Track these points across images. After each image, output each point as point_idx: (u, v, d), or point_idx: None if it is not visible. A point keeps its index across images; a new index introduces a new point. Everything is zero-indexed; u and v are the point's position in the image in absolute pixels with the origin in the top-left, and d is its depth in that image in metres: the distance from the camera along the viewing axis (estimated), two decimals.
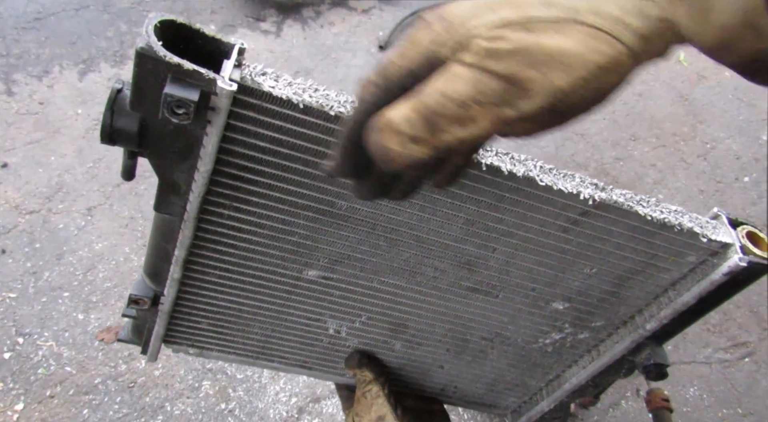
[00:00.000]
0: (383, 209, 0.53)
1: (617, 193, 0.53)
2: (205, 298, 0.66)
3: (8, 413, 1.83)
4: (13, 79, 2.76)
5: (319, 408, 1.92)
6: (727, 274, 0.54)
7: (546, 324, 0.62)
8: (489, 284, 0.60)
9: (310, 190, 0.53)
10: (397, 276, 0.60)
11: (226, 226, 0.57)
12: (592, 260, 0.57)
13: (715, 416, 1.99)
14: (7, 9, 3.02)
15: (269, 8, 3.32)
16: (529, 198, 0.52)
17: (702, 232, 0.54)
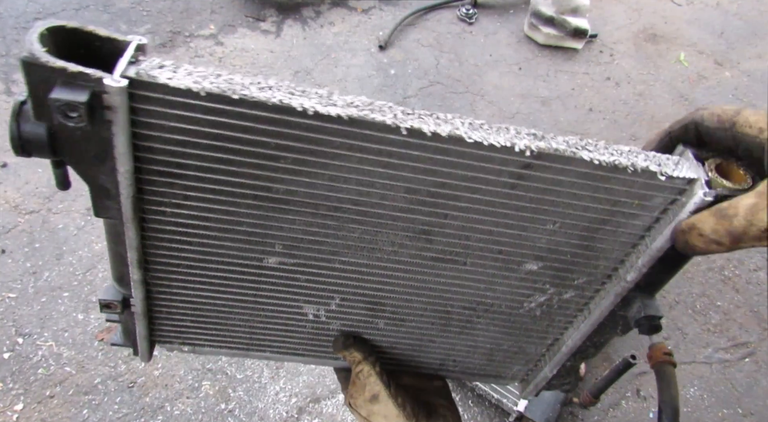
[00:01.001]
0: (320, 187, 0.52)
1: (559, 140, 0.50)
2: (177, 296, 0.66)
3: (8, 413, 1.83)
4: (13, 79, 2.76)
5: (319, 408, 1.92)
6: (694, 212, 0.49)
7: (525, 287, 0.60)
8: (452, 252, 0.58)
9: (243, 178, 0.52)
10: (356, 255, 0.59)
11: (172, 224, 0.56)
12: (552, 214, 0.54)
13: (715, 416, 1.99)
14: (7, 9, 3.02)
15: (269, 8, 3.32)
16: (463, 157, 0.49)
17: (660, 170, 0.50)
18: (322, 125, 0.47)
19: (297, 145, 0.49)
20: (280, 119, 0.47)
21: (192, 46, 3.05)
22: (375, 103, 0.48)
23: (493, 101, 3.00)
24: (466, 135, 0.48)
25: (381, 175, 0.51)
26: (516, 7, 3.56)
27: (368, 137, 0.48)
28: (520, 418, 1.75)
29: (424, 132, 0.47)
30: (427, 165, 0.51)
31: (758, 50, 3.46)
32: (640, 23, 3.58)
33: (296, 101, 0.45)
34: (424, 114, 0.49)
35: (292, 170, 0.51)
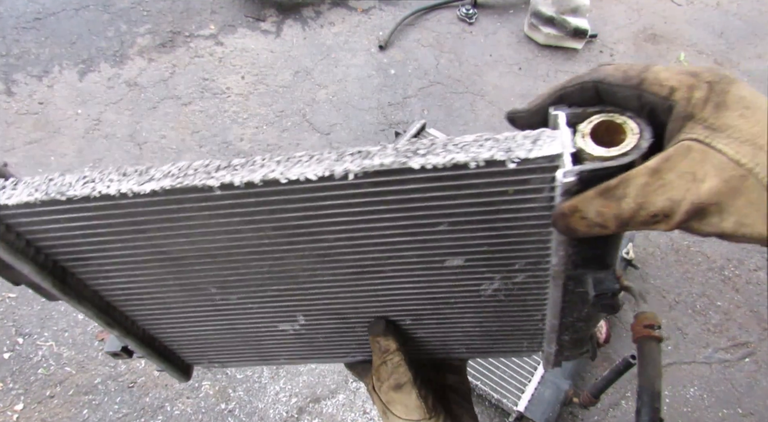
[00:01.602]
0: (200, 242, 0.54)
1: (388, 151, 0.46)
2: (165, 335, 0.71)
3: (8, 413, 1.83)
4: (13, 79, 2.76)
5: (319, 408, 1.92)
6: (565, 194, 0.41)
7: (466, 278, 0.57)
8: (361, 265, 0.57)
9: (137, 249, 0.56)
10: (282, 283, 0.60)
11: (119, 291, 0.63)
12: (431, 218, 0.50)
13: (715, 416, 1.99)
14: (7, 9, 3.02)
15: (269, 8, 3.32)
16: (302, 192, 0.48)
17: (508, 157, 0.43)
18: (149, 199, 0.49)
19: (139, 219, 0.52)
20: (112, 204, 0.50)
21: (192, 46, 3.05)
22: (192, 164, 0.49)
23: (493, 101, 3.00)
24: (281, 176, 0.46)
25: (236, 224, 0.52)
26: (516, 7, 3.56)
27: (194, 199, 0.49)
28: (520, 418, 1.75)
29: (235, 184, 0.47)
30: (264, 216, 0.50)
31: (758, 50, 3.46)
32: (640, 23, 3.58)
33: (114, 188, 0.48)
34: (240, 163, 0.48)
35: (161, 237, 0.54)
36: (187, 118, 2.73)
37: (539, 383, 1.78)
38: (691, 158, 0.36)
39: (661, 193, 0.36)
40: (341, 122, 2.81)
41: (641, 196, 0.37)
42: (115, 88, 2.81)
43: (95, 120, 2.68)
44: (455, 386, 0.73)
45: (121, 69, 2.89)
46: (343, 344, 0.71)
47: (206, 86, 2.88)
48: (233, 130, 2.71)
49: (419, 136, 2.44)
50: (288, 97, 2.89)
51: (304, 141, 2.71)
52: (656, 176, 0.37)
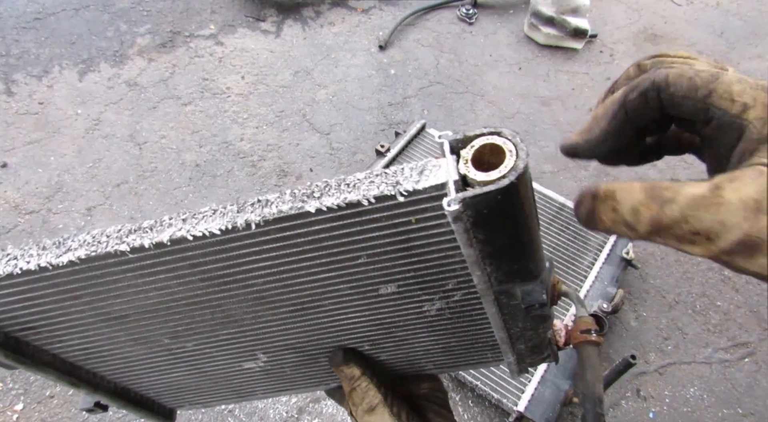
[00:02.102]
0: (132, 301, 0.56)
1: (285, 198, 0.47)
2: (137, 385, 0.73)
3: (8, 413, 1.83)
4: (13, 79, 2.76)
5: (319, 409, 1.92)
6: (456, 221, 0.41)
7: (406, 302, 0.58)
8: (299, 303, 0.58)
9: (77, 313, 0.58)
10: (230, 328, 0.62)
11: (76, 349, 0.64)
12: (347, 253, 0.51)
13: (715, 416, 1.99)
14: (7, 9, 3.02)
15: (269, 8, 3.32)
16: (204, 248, 0.49)
17: (397, 191, 0.43)
18: (71, 269, 0.52)
19: (70, 286, 0.54)
20: (38, 277, 0.52)
21: (192, 46, 3.05)
22: (106, 231, 0.52)
23: (493, 101, 3.00)
24: (188, 234, 0.48)
25: (163, 281, 0.53)
26: (516, 7, 3.56)
27: (112, 264, 0.52)
28: (520, 418, 1.75)
29: (145, 247, 0.49)
30: (182, 271, 0.52)
31: (758, 50, 3.46)
32: (640, 23, 3.59)
33: (33, 263, 0.51)
34: (150, 225, 0.50)
35: (97, 300, 0.56)
36: (187, 118, 2.73)
37: (539, 383, 1.78)
38: (759, 184, 0.31)
39: (714, 211, 0.32)
40: (341, 122, 2.81)
41: (691, 207, 0.32)
42: (115, 88, 2.81)
43: (95, 120, 2.68)
44: (430, 394, 0.73)
45: (121, 69, 2.89)
46: (313, 374, 0.72)
47: (206, 86, 2.88)
48: (233, 130, 2.71)
49: (419, 136, 2.44)
50: (288, 97, 2.89)
51: (304, 141, 2.71)
52: (716, 193, 0.32)
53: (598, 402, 0.99)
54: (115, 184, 2.46)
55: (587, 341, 0.98)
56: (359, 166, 2.62)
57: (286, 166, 2.60)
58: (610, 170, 2.72)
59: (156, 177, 2.50)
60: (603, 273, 2.06)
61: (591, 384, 0.99)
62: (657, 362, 2.10)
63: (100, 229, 0.52)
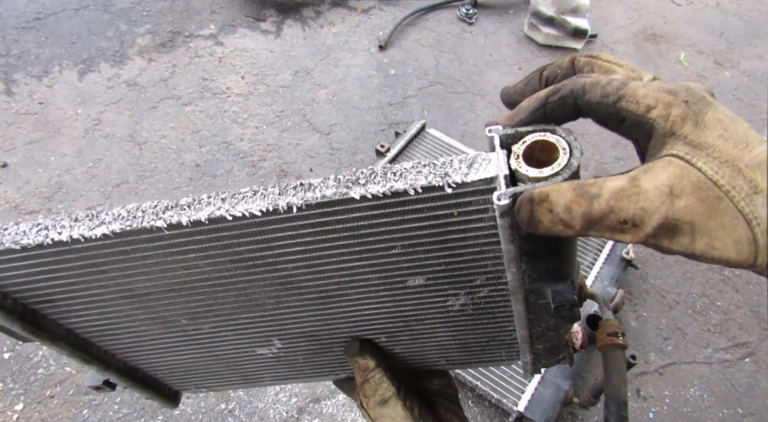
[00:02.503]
0: (162, 278, 0.56)
1: (329, 182, 0.47)
2: (146, 365, 0.73)
3: (8, 413, 1.83)
4: (13, 79, 2.76)
5: (319, 409, 1.92)
6: (503, 216, 0.42)
7: (431, 295, 0.58)
8: (325, 290, 0.58)
9: (103, 288, 0.58)
10: (250, 313, 0.61)
11: (93, 327, 0.64)
12: (383, 242, 0.50)
13: (715, 416, 1.99)
14: (7, 9, 3.02)
15: (269, 8, 3.32)
16: (240, 229, 0.49)
17: (445, 182, 0.44)
18: (102, 243, 0.51)
19: (97, 260, 0.53)
20: (67, 249, 0.52)
21: (192, 46, 3.05)
22: (141, 206, 0.51)
23: (493, 101, 3.00)
24: (227, 213, 0.48)
25: (192, 260, 0.53)
26: (516, 7, 3.56)
27: (146, 240, 0.51)
28: (520, 418, 1.75)
29: (183, 224, 0.49)
30: (217, 250, 0.52)
31: (758, 50, 3.46)
32: (640, 23, 3.59)
33: (65, 234, 0.51)
34: (187, 203, 0.50)
35: (122, 276, 0.55)
36: (187, 118, 2.73)
37: (539, 383, 1.78)
38: (670, 172, 0.36)
39: (635, 200, 0.35)
40: (341, 122, 2.81)
41: (614, 198, 0.36)
42: (115, 88, 2.81)
43: (95, 120, 2.68)
44: (441, 390, 0.73)
45: (121, 69, 2.89)
46: (324, 364, 0.72)
47: (206, 86, 2.88)
48: (233, 130, 2.71)
49: (419, 136, 2.44)
50: (288, 97, 2.89)
51: (304, 141, 2.71)
52: (633, 183, 0.36)
53: (623, 405, 0.97)
54: (115, 183, 2.46)
55: (614, 344, 0.96)
56: (359, 166, 2.62)
57: (286, 166, 2.60)
58: (609, 170, 2.72)
59: (156, 177, 2.50)
60: (603, 273, 2.06)
61: (616, 387, 0.97)
62: (657, 362, 2.11)
63: (135, 204, 0.51)
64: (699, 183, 0.35)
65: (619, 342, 0.94)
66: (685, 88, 0.39)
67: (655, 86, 0.40)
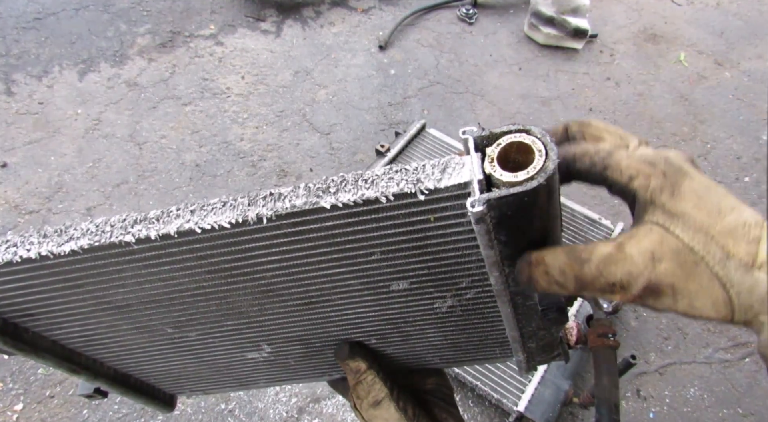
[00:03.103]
0: (138, 291, 0.55)
1: (299, 192, 0.46)
2: (137, 372, 0.72)
3: (8, 413, 1.83)
4: (13, 79, 2.76)
5: (319, 409, 1.92)
6: (479, 222, 0.40)
7: (417, 298, 0.57)
8: (308, 297, 0.56)
9: (81, 301, 0.57)
10: (234, 320, 0.61)
11: (78, 336, 0.63)
12: (362, 249, 0.49)
13: (715, 416, 1.99)
14: (7, 9, 3.02)
15: (269, 8, 3.32)
16: (212, 241, 0.48)
17: (417, 188, 0.42)
18: (73, 258, 0.50)
19: (71, 275, 0.52)
20: (39, 266, 0.51)
21: (192, 46, 3.05)
22: (110, 220, 0.50)
23: (493, 101, 3.00)
24: (196, 226, 0.47)
25: (168, 272, 0.52)
26: (516, 7, 3.56)
27: (117, 254, 0.50)
28: (520, 418, 1.75)
29: (150, 238, 0.48)
30: (190, 263, 0.51)
31: (758, 50, 3.46)
32: (640, 23, 3.58)
33: (34, 251, 0.50)
34: (156, 216, 0.49)
35: (99, 289, 0.54)
36: (187, 118, 2.73)
37: (539, 383, 1.78)
38: (651, 239, 0.39)
39: (621, 265, 0.39)
40: (341, 122, 2.81)
41: (603, 263, 0.39)
42: (115, 88, 2.81)
43: (95, 120, 2.68)
44: (436, 389, 0.73)
45: (121, 69, 2.89)
46: (316, 366, 0.71)
47: (206, 86, 2.88)
48: (233, 130, 2.71)
49: (419, 136, 2.44)
50: (288, 97, 2.89)
51: (304, 141, 2.71)
52: (620, 249, 0.39)
53: (614, 408, 0.94)
54: (115, 183, 2.46)
55: (605, 345, 0.94)
56: (359, 165, 2.62)
57: (286, 165, 2.60)
58: None
59: (156, 177, 2.50)
60: None
61: (607, 389, 0.94)
62: (657, 362, 2.10)
63: (104, 218, 0.50)
64: (677, 249, 0.38)
65: (610, 342, 0.92)
66: (664, 158, 0.42)
67: (637, 157, 0.43)
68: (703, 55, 3.41)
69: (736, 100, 3.15)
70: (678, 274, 0.38)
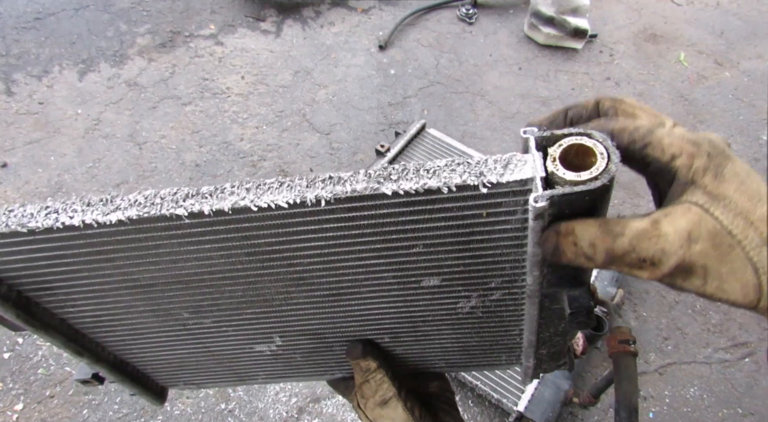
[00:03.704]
0: (170, 269, 0.54)
1: (359, 177, 0.45)
2: (137, 359, 0.71)
3: (8, 413, 1.83)
4: (13, 79, 2.76)
5: (319, 408, 1.92)
6: (537, 218, 0.41)
7: (443, 297, 0.57)
8: (337, 288, 0.56)
9: (109, 277, 0.56)
10: (256, 308, 0.60)
11: (89, 317, 0.62)
12: (405, 240, 0.49)
13: (715, 416, 1.99)
14: (7, 9, 3.02)
15: (269, 8, 3.32)
16: (262, 221, 0.47)
17: (480, 181, 0.43)
18: (115, 229, 0.49)
19: (106, 248, 0.51)
20: (77, 235, 0.49)
21: (192, 46, 3.05)
22: (160, 192, 0.49)
23: (493, 101, 3.00)
24: (252, 203, 0.46)
25: (207, 251, 0.51)
26: (516, 7, 3.56)
27: (161, 228, 0.49)
28: (520, 418, 1.75)
29: (204, 213, 0.46)
30: (238, 242, 0.50)
31: (758, 50, 3.46)
32: (640, 23, 3.58)
33: (77, 219, 0.48)
34: (209, 191, 0.47)
35: (129, 265, 0.53)
36: (187, 118, 2.73)
37: (539, 383, 1.78)
38: (689, 219, 0.39)
39: (655, 242, 0.38)
40: (341, 122, 2.81)
41: (636, 239, 0.38)
42: (115, 88, 2.81)
43: (95, 120, 2.68)
44: (439, 393, 0.74)
45: (121, 69, 2.89)
46: (322, 362, 0.71)
47: (206, 86, 2.88)
48: (233, 130, 2.71)
49: (419, 136, 2.44)
50: (288, 97, 2.89)
51: (304, 141, 2.71)
52: (655, 225, 0.39)
53: (634, 411, 0.96)
54: (115, 183, 2.46)
55: (626, 351, 0.95)
56: (359, 165, 2.62)
57: (286, 165, 2.60)
58: None
59: (156, 177, 2.50)
60: (603, 273, 2.06)
61: (628, 394, 0.96)
62: (657, 362, 2.11)
63: (153, 190, 0.49)
64: (714, 231, 0.38)
65: (631, 349, 0.94)
66: (708, 140, 0.42)
67: (679, 135, 0.42)
68: (703, 55, 3.41)
69: (735, 100, 3.15)
70: (712, 256, 0.38)
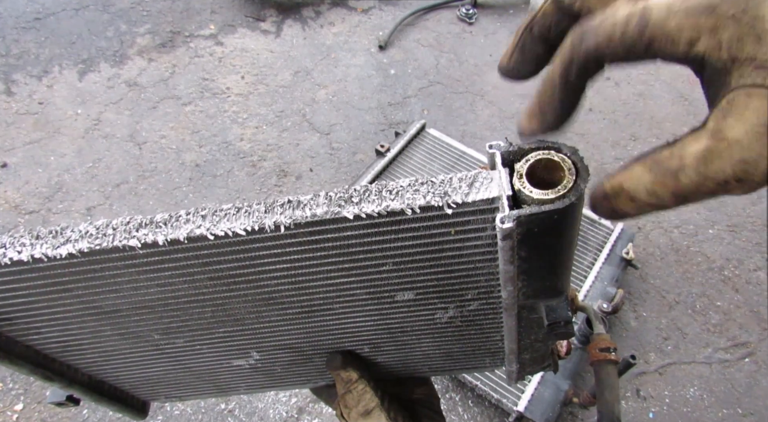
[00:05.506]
0: (129, 296, 0.53)
1: (320, 200, 0.44)
2: (113, 378, 0.70)
3: (8, 413, 1.83)
4: (13, 79, 2.76)
5: (318, 409, 1.92)
6: (505, 238, 0.40)
7: (419, 309, 0.56)
8: (309, 305, 0.55)
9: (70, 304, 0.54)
10: (227, 327, 0.59)
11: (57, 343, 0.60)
12: (374, 259, 0.48)
13: (715, 416, 1.99)
14: (7, 9, 3.02)
15: (269, 8, 3.32)
16: (221, 247, 0.46)
17: (444, 202, 0.42)
18: (68, 262, 0.47)
19: (62, 279, 0.49)
20: (28, 269, 0.48)
21: (192, 46, 3.05)
22: (112, 222, 0.47)
23: (493, 101, 3.00)
24: (207, 232, 0.45)
25: (167, 278, 0.50)
26: (516, 7, 3.56)
27: (116, 258, 0.47)
28: (520, 418, 1.75)
29: (158, 243, 0.45)
30: (194, 269, 0.48)
31: None
32: None
33: (26, 254, 0.46)
34: (164, 220, 0.46)
35: (89, 294, 0.51)
36: (187, 118, 2.73)
37: (539, 383, 1.78)
38: (756, 107, 0.29)
39: (728, 155, 0.30)
40: (341, 122, 2.81)
41: (703, 164, 0.30)
42: (114, 88, 2.81)
43: (95, 120, 2.68)
44: (423, 399, 0.72)
45: (120, 69, 2.89)
46: (304, 373, 0.70)
47: (206, 86, 2.88)
48: (233, 130, 2.71)
49: (419, 136, 2.44)
50: (288, 97, 2.89)
51: (304, 141, 2.71)
52: (718, 137, 0.30)
53: (616, 421, 0.94)
54: (115, 183, 2.46)
55: (607, 360, 0.94)
56: (359, 165, 2.62)
57: (286, 165, 2.60)
58: (609, 170, 2.71)
59: (156, 177, 2.50)
60: (603, 273, 2.06)
61: (610, 404, 0.94)
62: (657, 362, 2.11)
63: (105, 220, 0.47)
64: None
65: (612, 357, 0.92)
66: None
67: (683, 11, 0.31)
68: None
69: None
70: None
